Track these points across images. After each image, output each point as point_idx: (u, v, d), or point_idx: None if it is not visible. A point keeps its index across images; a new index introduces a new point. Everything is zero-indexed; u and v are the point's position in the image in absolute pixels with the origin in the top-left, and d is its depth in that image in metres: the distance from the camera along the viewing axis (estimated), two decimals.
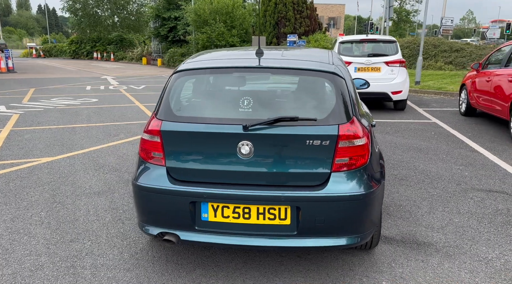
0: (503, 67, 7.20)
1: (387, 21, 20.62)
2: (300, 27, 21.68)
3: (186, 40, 29.60)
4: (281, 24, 22.31)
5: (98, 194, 4.36)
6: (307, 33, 21.79)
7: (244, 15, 25.17)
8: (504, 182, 4.63)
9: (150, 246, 3.25)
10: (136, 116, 9.02)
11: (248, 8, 25.90)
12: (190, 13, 25.64)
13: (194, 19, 25.25)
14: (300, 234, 2.52)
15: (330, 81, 2.67)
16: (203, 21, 24.91)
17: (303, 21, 21.79)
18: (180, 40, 31.31)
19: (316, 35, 20.78)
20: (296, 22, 21.77)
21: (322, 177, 2.51)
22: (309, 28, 21.96)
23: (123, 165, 5.39)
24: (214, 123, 2.56)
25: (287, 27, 21.91)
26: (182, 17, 29.07)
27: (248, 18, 25.39)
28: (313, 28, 22.14)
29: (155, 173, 2.67)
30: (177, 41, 31.78)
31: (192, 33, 27.02)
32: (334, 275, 2.82)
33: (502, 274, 2.80)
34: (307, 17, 22.05)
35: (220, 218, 2.57)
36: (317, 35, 20.91)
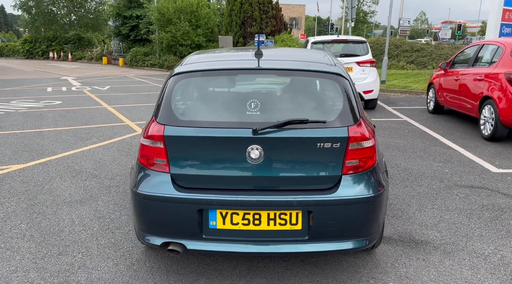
0: (470, 67, 7.50)
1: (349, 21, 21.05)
2: (266, 27, 21.73)
3: (149, 39, 28.97)
4: (248, 24, 22.28)
5: (80, 202, 4.13)
6: (273, 33, 21.88)
7: (209, 15, 24.94)
8: (483, 178, 4.80)
9: (146, 256, 3.10)
10: (107, 119, 8.69)
11: (212, 8, 25.67)
12: (153, 11, 25.11)
13: (157, 18, 24.74)
14: (311, 239, 2.47)
15: (335, 82, 2.64)
16: (167, 20, 24.46)
17: (269, 21, 21.85)
18: (143, 39, 30.61)
19: (282, 35, 20.90)
20: (262, 22, 21.80)
21: (333, 180, 2.48)
22: (275, 28, 22.06)
23: (102, 170, 5.16)
24: (222, 127, 2.47)
25: (253, 27, 21.90)
26: (145, 15, 28.43)
27: (213, 18, 25.18)
28: (279, 28, 22.26)
29: (158, 180, 2.54)
30: (140, 40, 31.05)
31: (155, 32, 26.47)
32: (340, 278, 2.80)
33: (501, 270, 2.87)
34: (273, 17, 22.14)
35: (229, 225, 2.48)
36: (283, 35, 21.04)
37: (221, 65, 2.75)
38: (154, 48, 27.69)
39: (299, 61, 2.87)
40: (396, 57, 19.76)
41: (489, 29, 14.90)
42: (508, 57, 6.37)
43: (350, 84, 2.68)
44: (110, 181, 4.77)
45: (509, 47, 6.43)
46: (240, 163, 2.46)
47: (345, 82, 2.66)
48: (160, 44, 26.07)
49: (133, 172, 2.81)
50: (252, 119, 2.49)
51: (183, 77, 2.71)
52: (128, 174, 5.02)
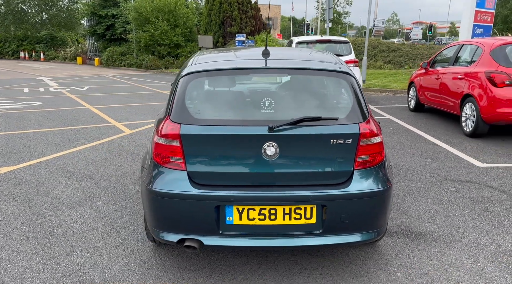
0: (451, 66, 7.78)
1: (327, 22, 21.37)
2: (246, 27, 21.80)
3: (126, 38, 28.57)
4: (227, 23, 22.30)
5: (80, 203, 4.11)
6: (253, 33, 21.98)
7: (187, 14, 24.81)
8: (470, 172, 5.02)
9: (156, 254, 3.13)
10: (91, 120, 8.57)
11: (190, 7, 25.55)
12: (130, 11, 24.79)
13: (134, 17, 24.45)
14: (325, 232, 2.57)
15: (345, 80, 2.75)
16: (144, 19, 24.21)
17: (248, 21, 21.94)
18: (119, 38, 30.15)
19: (262, 35, 21.01)
20: (242, 22, 21.87)
21: (345, 175, 2.58)
22: (255, 28, 22.17)
23: (96, 171, 5.12)
24: (238, 125, 2.53)
25: (233, 26, 21.94)
26: (121, 15, 28.02)
27: (191, 17, 25.07)
28: (258, 28, 22.38)
29: (175, 177, 2.58)
30: (116, 40, 30.58)
31: (132, 31, 26.13)
32: (349, 270, 2.91)
33: (498, 257, 3.04)
34: (252, 17, 22.24)
35: (245, 220, 2.54)
36: (263, 35, 21.15)
37: (233, 65, 2.81)
38: (131, 48, 27.33)
39: (307, 60, 2.96)
40: (374, 57, 20.20)
41: (462, 30, 15.43)
42: (487, 57, 6.66)
43: (357, 83, 2.79)
44: (106, 182, 4.74)
45: (489, 47, 6.72)
46: (256, 160, 2.52)
47: (353, 80, 2.76)
48: (138, 43, 25.77)
49: (145, 170, 2.83)
50: (266, 117, 2.56)
51: (195, 76, 2.75)
52: (123, 174, 5.01)
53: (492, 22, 15.89)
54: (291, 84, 2.90)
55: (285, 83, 2.86)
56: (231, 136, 2.52)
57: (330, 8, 20.36)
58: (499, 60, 6.48)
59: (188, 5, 26.03)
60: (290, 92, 2.85)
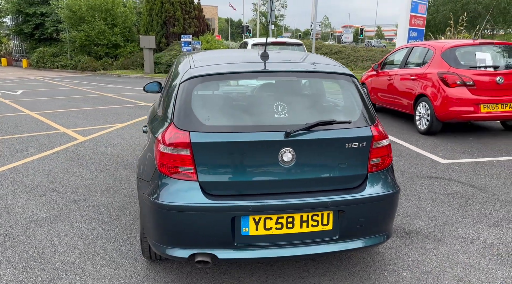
0: (402, 68, 8.16)
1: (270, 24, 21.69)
2: (189, 28, 21.39)
3: (57, 38, 26.89)
4: (170, 23, 21.73)
5: (50, 220, 3.74)
6: (196, 33, 21.61)
7: (126, 13, 23.86)
8: (436, 169, 5.27)
9: (153, 271, 2.92)
10: (36, 127, 7.92)
11: (128, 6, 24.59)
12: (62, 9, 23.36)
13: (68, 15, 23.09)
14: (341, 238, 2.53)
15: (351, 83, 2.73)
16: (79, 18, 22.94)
17: (192, 22, 21.54)
18: (50, 38, 28.33)
19: (207, 37, 20.76)
20: (185, 22, 21.43)
21: (360, 179, 2.56)
22: (198, 29, 21.83)
23: (58, 184, 4.70)
24: (252, 131, 2.42)
25: (176, 27, 21.42)
26: (51, 13, 26.34)
27: (130, 16, 24.14)
28: (202, 29, 22.06)
29: (185, 189, 2.41)
30: (46, 40, 28.72)
31: (66, 31, 24.63)
32: (356, 273, 2.90)
33: (489, 251, 3.20)
34: (196, 17, 21.88)
35: (262, 230, 2.44)
36: (207, 36, 20.90)
37: (239, 68, 2.68)
38: (64, 48, 25.78)
39: (311, 63, 2.91)
40: None
41: (399, 33, 16.33)
42: (439, 59, 7.06)
43: (361, 85, 2.79)
44: (73, 195, 4.37)
45: (439, 50, 7.13)
46: (272, 167, 2.43)
47: (357, 82, 2.76)
48: (72, 44, 24.35)
49: (144, 182, 2.62)
50: (280, 122, 2.47)
51: (200, 80, 2.59)
52: (89, 186, 4.65)
53: (424, 26, 16.99)
54: (301, 87, 2.84)
55: (291, 86, 2.79)
56: (246, 143, 2.39)
57: (272, 11, 20.64)
58: (449, 62, 6.89)
59: (125, 4, 25.04)
60: (300, 96, 2.78)
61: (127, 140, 6.81)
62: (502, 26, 39.27)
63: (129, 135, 7.15)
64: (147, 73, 20.64)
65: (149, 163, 2.67)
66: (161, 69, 20.96)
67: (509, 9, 36.34)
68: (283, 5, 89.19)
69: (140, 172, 2.81)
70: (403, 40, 15.66)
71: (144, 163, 2.79)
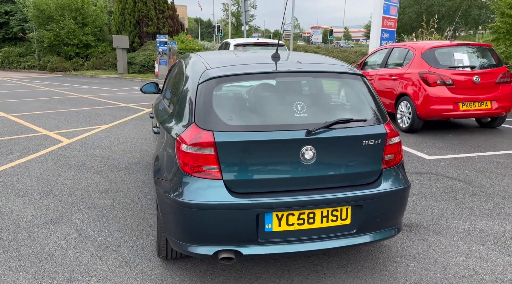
0: (383, 68, 8.43)
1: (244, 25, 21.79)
2: (164, 27, 21.16)
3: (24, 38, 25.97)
4: (143, 23, 21.42)
5: (53, 223, 3.68)
6: (171, 33, 21.41)
7: (96, 12, 23.34)
8: (423, 165, 5.50)
9: (170, 271, 2.94)
10: (16, 130, 7.68)
11: (99, 5, 24.06)
12: (29, 7, 22.59)
13: (35, 14, 22.35)
14: (358, 232, 2.64)
15: (362, 82, 2.85)
16: (47, 17, 22.24)
17: (166, 21, 21.32)
18: (15, 38, 27.32)
19: (182, 37, 20.60)
20: (159, 22, 21.18)
21: (375, 174, 2.68)
22: (173, 28, 21.63)
23: (53, 187, 4.62)
24: (274, 130, 2.49)
25: (150, 26, 21.14)
26: (16, 11, 25.42)
27: (101, 16, 23.63)
28: (176, 29, 21.87)
29: (210, 187, 2.45)
30: (11, 39, 27.64)
31: (33, 30, 23.83)
32: (367, 266, 3.02)
33: (486, 241, 3.40)
34: (170, 17, 21.67)
35: (284, 226, 2.51)
36: (182, 36, 20.74)
37: (257, 69, 2.74)
38: (31, 48, 24.92)
39: (322, 63, 3.01)
40: None
41: (372, 34, 16.76)
42: (419, 59, 7.35)
43: (370, 84, 2.91)
44: (71, 198, 4.30)
45: (420, 51, 7.42)
46: (294, 164, 2.51)
47: (368, 82, 2.88)
48: (40, 43, 23.58)
49: (165, 182, 2.65)
50: (300, 121, 2.56)
51: (220, 81, 2.64)
52: (85, 188, 4.59)
53: (395, 28, 17.52)
54: (316, 87, 2.93)
55: (310, 86, 2.87)
56: (269, 142, 2.46)
57: (247, 11, 20.71)
58: (430, 62, 7.18)
59: (96, 3, 24.49)
60: (316, 96, 2.87)
61: (114, 142, 6.72)
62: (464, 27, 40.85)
63: (115, 137, 7.06)
64: (120, 74, 20.27)
65: (168, 162, 2.70)
66: (135, 69, 20.64)
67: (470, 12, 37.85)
68: (253, 5, 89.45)
69: (157, 171, 2.82)
70: (376, 41, 16.08)
71: (161, 163, 2.80)
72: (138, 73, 20.48)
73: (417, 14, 38.44)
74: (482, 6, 38.26)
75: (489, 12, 38.75)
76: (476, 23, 39.25)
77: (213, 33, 40.51)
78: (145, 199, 4.29)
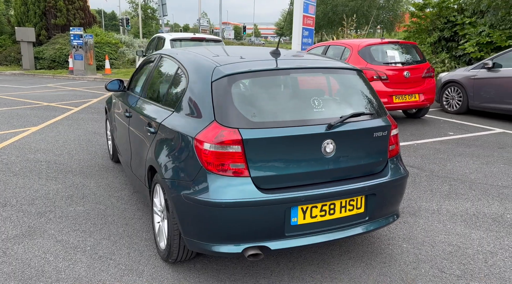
0: None
1: (162, 18, 21.24)
2: (74, 20, 19.65)
3: None
4: (51, 14, 19.66)
5: (26, 236, 3.32)
6: (83, 26, 19.95)
7: None
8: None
9: (180, 274, 2.84)
10: None
11: None
12: None
13: None
14: (369, 219, 2.81)
15: (364, 78, 3.02)
16: None
17: (77, 13, 19.82)
18: None
19: (95, 29, 19.33)
20: (69, 13, 19.61)
21: (383, 164, 2.87)
22: (84, 21, 20.19)
23: (4, 197, 4.15)
24: (296, 125, 2.53)
25: (59, 18, 19.47)
26: None
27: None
28: (88, 21, 20.45)
29: (238, 185, 2.43)
30: None
31: None
32: (368, 250, 3.21)
33: (455, 218, 3.80)
34: (81, 8, 20.19)
35: (308, 219, 2.58)
36: (96, 29, 19.47)
37: (271, 65, 2.75)
38: None
39: (325, 60, 3.11)
40: None
41: (294, 32, 17.34)
42: (356, 56, 7.85)
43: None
44: (33, 207, 3.90)
45: (356, 48, 7.92)
46: (316, 158, 2.58)
47: (365, 77, 3.06)
48: None
49: (185, 183, 2.55)
50: (319, 115, 2.64)
51: (237, 78, 2.61)
52: (45, 196, 4.19)
53: (314, 26, 18.38)
54: (327, 82, 3.01)
55: (322, 81, 2.95)
56: (294, 137, 2.51)
57: (164, 5, 20.16)
58: (366, 59, 7.71)
59: None
60: (328, 91, 2.95)
61: (54, 145, 6.17)
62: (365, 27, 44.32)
63: (53, 140, 6.48)
64: (26, 70, 18.44)
65: (184, 162, 2.60)
66: (43, 64, 18.91)
67: (370, 12, 41.02)
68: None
69: (170, 173, 2.69)
70: (298, 38, 16.69)
71: (175, 164, 2.68)
72: (48, 69, 18.81)
73: (323, 13, 40.59)
74: (380, 7, 41.77)
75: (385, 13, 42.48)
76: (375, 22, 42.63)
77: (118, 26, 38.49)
78: (118, 203, 4.04)
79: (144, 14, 73.06)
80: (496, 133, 7.29)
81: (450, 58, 12.35)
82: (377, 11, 40.95)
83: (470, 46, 11.54)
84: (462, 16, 12.17)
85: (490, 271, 2.93)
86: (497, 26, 11.33)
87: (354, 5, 40.23)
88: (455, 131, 7.39)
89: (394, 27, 41.97)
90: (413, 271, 2.92)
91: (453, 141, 6.70)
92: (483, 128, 7.69)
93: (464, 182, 4.75)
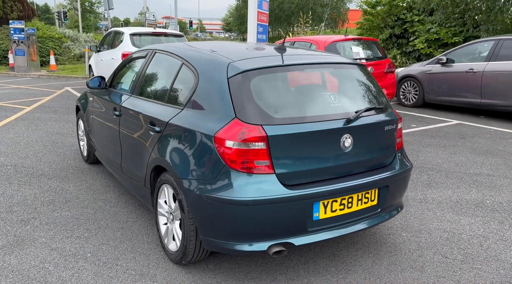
0: None
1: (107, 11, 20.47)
2: (12, 12, 18.30)
3: None
4: None
5: (15, 246, 3.07)
6: (22, 19, 18.61)
7: None
8: None
9: (195, 276, 2.76)
10: None
11: None
12: None
13: None
14: (381, 211, 2.89)
15: (369, 73, 3.09)
16: None
17: (14, 5, 18.47)
18: None
19: (36, 23, 18.13)
20: (6, 5, 18.23)
21: (391, 156, 2.95)
22: (23, 13, 18.87)
23: None
24: (317, 121, 2.54)
25: None
26: None
27: None
28: (27, 14, 19.14)
29: (263, 182, 2.40)
30: None
31: None
32: (372, 241, 3.30)
33: (443, 206, 4.00)
34: (18, 0, 18.82)
35: (329, 213, 2.60)
36: (36, 22, 18.27)
37: (285, 61, 2.72)
38: None
39: (331, 55, 3.14)
40: None
41: (249, 28, 17.29)
42: None
43: None
44: (14, 215, 3.61)
45: (323, 44, 8.07)
46: (335, 153, 2.61)
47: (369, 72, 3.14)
48: None
49: (206, 182, 2.47)
50: (336, 110, 2.67)
51: (255, 74, 2.57)
52: (23, 202, 3.90)
53: (267, 22, 18.51)
54: (339, 77, 3.02)
55: (334, 77, 2.96)
56: (315, 132, 2.51)
57: None
58: None
59: None
60: (341, 86, 2.97)
61: (16, 147, 5.74)
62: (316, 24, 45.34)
63: (12, 142, 6.02)
64: None
65: (204, 161, 2.52)
66: None
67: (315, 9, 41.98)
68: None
69: (187, 172, 2.58)
70: (253, 34, 16.69)
71: (191, 163, 2.58)
72: None
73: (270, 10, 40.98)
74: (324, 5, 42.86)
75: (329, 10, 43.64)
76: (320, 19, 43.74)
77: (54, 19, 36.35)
78: (107, 206, 3.84)
79: (82, 7, 69.62)
80: (454, 124, 7.77)
81: (401, 54, 12.97)
82: (321, 8, 41.96)
83: (419, 42, 12.19)
84: (411, 14, 12.82)
85: (488, 254, 3.12)
86: (443, 24, 12.05)
87: (300, 2, 40.96)
88: (417, 124, 7.78)
89: (338, 24, 43.29)
90: (419, 259, 3.05)
91: (418, 133, 7.05)
92: (440, 120, 8.16)
93: (440, 171, 5.02)
